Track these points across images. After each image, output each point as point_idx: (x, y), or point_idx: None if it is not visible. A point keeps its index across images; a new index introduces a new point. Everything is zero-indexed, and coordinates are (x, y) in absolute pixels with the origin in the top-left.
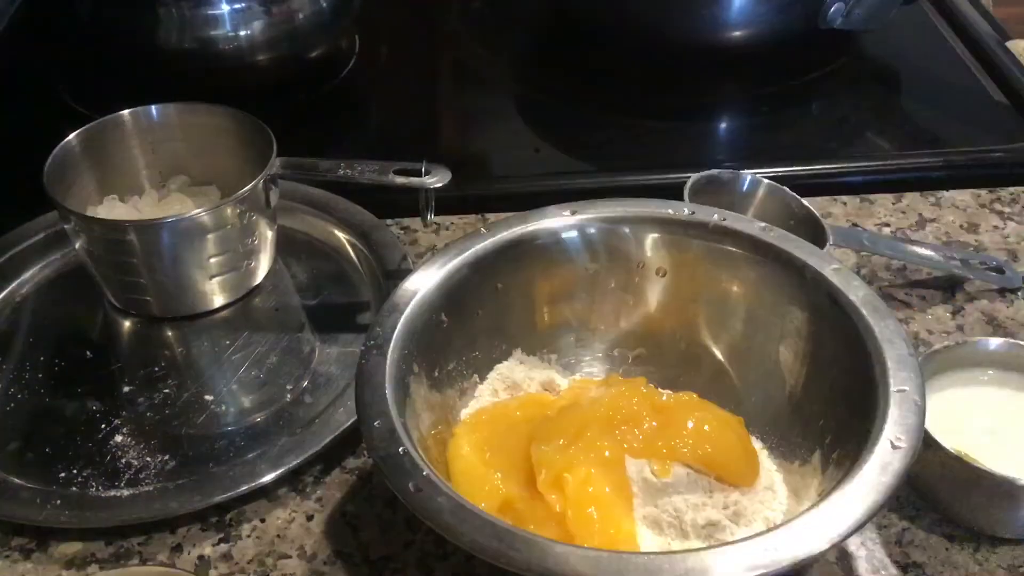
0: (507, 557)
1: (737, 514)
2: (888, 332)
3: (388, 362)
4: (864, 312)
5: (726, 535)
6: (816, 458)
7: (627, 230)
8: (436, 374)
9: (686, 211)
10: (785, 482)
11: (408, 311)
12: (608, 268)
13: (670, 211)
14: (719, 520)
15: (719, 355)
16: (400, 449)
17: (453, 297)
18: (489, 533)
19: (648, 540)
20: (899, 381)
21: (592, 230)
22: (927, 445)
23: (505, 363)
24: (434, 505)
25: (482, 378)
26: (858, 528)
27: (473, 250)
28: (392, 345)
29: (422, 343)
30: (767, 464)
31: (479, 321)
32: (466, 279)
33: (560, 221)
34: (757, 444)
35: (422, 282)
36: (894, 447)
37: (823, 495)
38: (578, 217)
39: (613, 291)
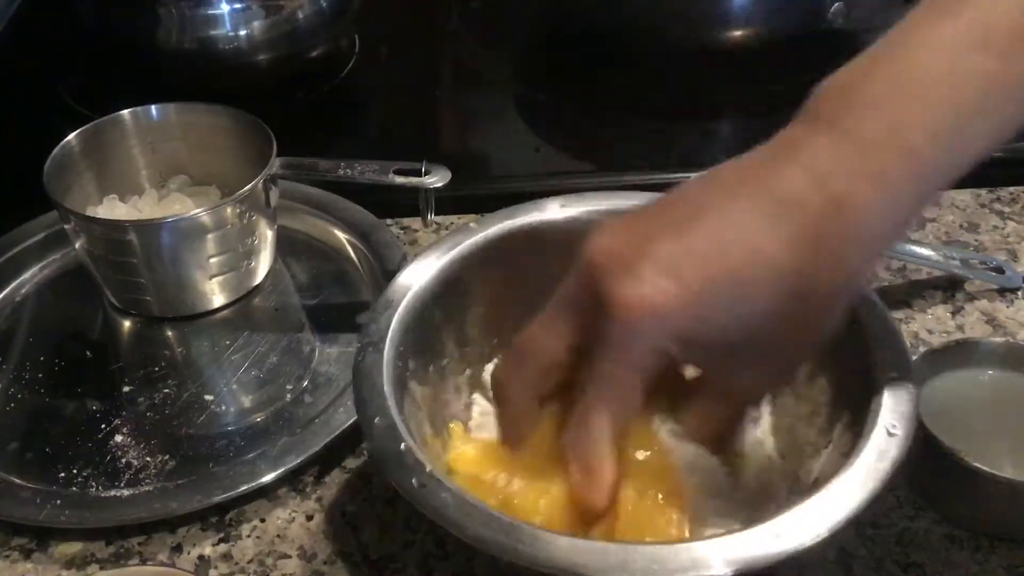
0: (514, 551)
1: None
2: (881, 321)
3: (384, 359)
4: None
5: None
6: (816, 442)
7: None
8: (430, 370)
9: None
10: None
11: (402, 307)
12: None
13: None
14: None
15: None
16: (402, 446)
17: (446, 292)
18: (496, 528)
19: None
20: (890, 369)
21: (583, 222)
22: (927, 445)
23: (497, 360)
24: (438, 501)
25: (476, 375)
26: (856, 516)
27: (464, 244)
28: (388, 343)
29: (417, 340)
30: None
31: (470, 317)
32: (458, 274)
33: (550, 214)
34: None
35: (415, 278)
36: (890, 434)
37: (821, 482)
38: (570, 210)
39: None
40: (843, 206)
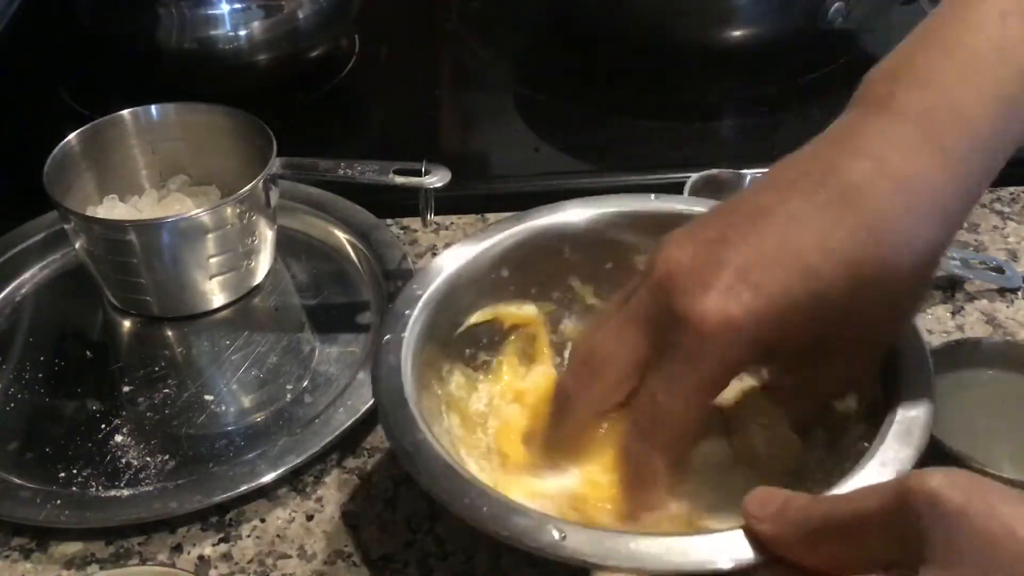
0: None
1: None
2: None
3: (405, 349)
4: None
5: None
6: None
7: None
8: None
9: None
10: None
11: (428, 295)
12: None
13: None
14: None
15: None
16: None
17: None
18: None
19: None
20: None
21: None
22: (928, 445)
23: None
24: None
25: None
26: None
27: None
28: (409, 332)
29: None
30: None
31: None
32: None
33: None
34: None
35: (444, 266)
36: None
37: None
38: (590, 212)
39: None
40: (909, 187)
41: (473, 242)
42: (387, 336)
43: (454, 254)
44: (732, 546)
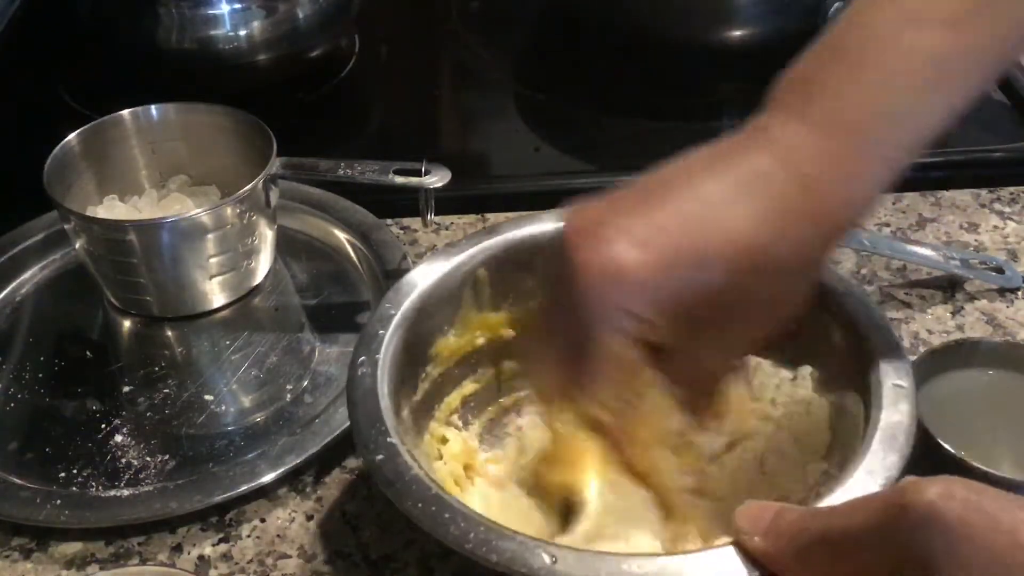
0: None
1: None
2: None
3: (380, 369)
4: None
5: None
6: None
7: None
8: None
9: None
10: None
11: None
12: None
13: None
14: None
15: None
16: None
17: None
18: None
19: None
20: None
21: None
22: (927, 445)
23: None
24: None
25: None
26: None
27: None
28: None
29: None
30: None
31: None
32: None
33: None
34: None
35: (419, 280)
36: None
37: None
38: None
39: None
40: (808, 185)
41: (444, 257)
42: (361, 357)
43: (426, 270)
44: (725, 564)
